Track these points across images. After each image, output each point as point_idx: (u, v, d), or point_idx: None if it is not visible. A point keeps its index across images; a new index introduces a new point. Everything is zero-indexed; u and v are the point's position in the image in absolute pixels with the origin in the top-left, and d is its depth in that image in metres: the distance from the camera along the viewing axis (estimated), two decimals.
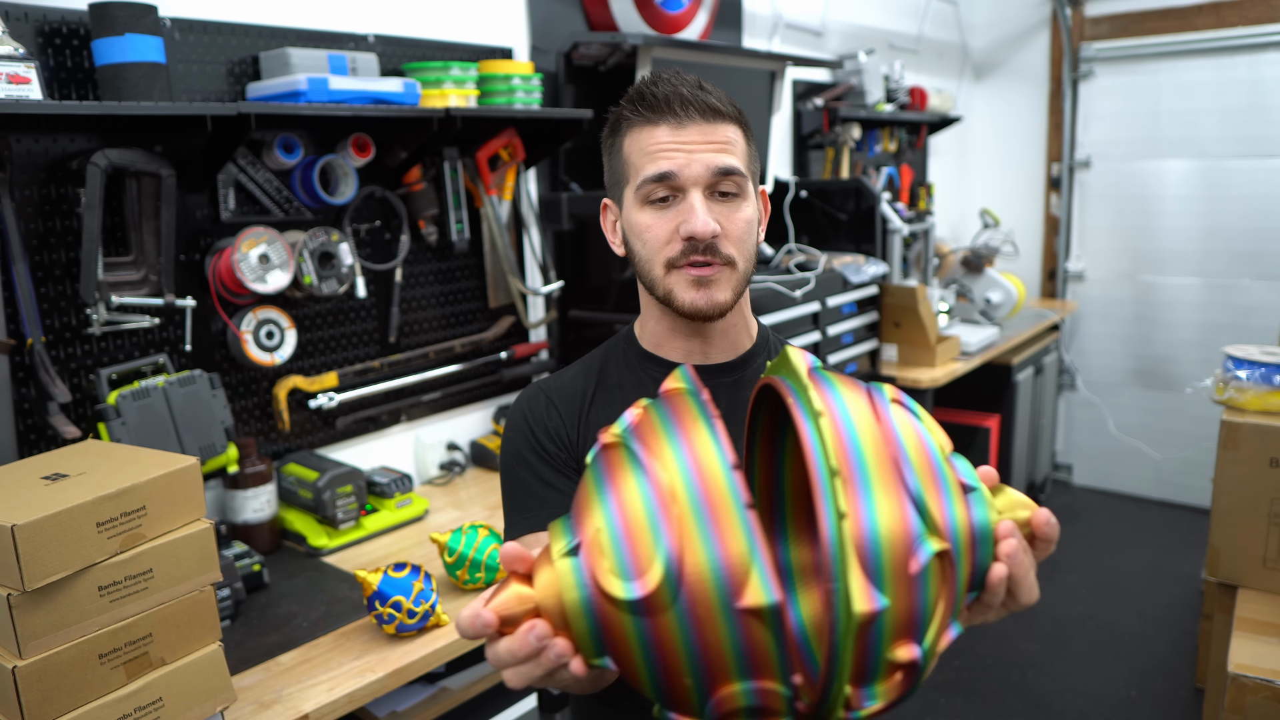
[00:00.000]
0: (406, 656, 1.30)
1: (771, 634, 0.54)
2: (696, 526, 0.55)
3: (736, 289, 0.95)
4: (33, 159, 1.44)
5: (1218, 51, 3.72)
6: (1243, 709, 1.70)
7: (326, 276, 1.75)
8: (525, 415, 1.03)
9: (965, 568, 0.59)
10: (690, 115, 0.91)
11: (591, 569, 0.57)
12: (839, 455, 0.56)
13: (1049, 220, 4.27)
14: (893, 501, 0.56)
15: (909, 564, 0.55)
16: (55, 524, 0.92)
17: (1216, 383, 2.14)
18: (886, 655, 0.55)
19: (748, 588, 0.53)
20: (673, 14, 2.45)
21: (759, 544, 0.54)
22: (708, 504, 0.55)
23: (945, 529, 0.57)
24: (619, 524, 0.57)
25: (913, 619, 0.56)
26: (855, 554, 0.54)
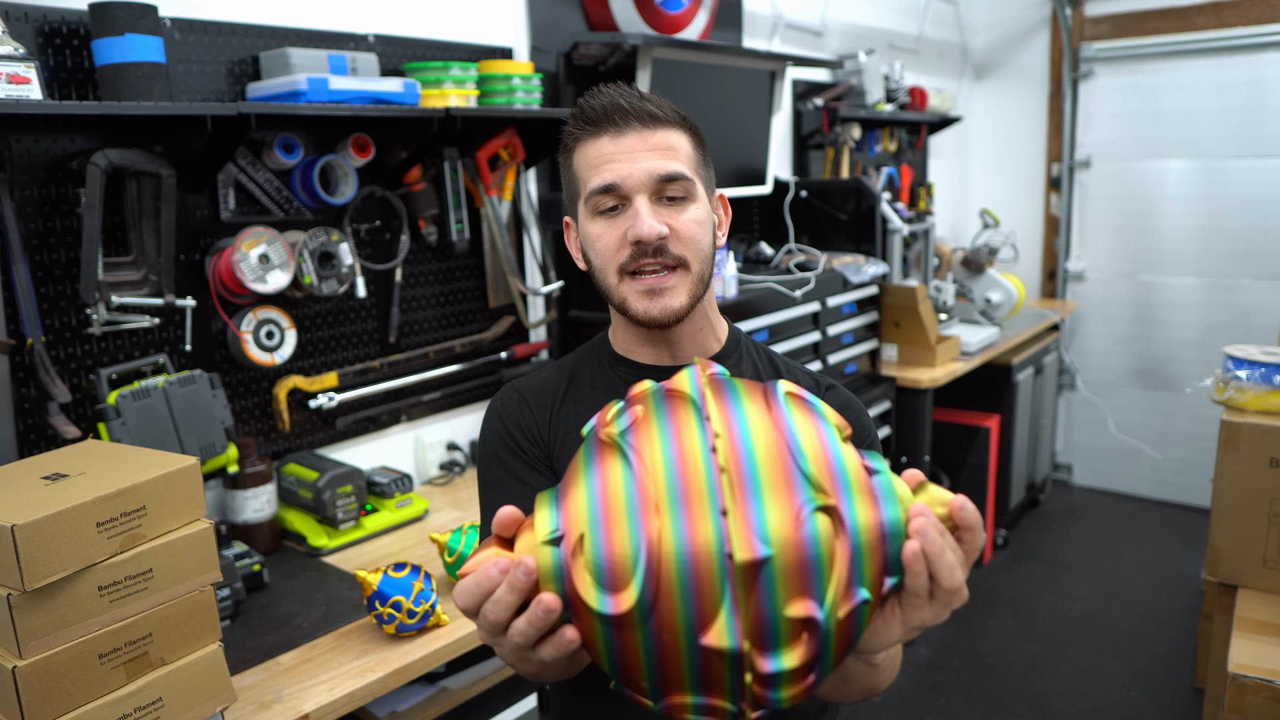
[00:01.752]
0: (406, 656, 1.30)
1: (728, 668, 0.56)
2: (673, 537, 0.57)
3: (692, 292, 0.95)
4: (33, 159, 1.44)
5: (1218, 51, 3.72)
6: (1243, 709, 1.70)
7: (326, 276, 1.75)
8: (500, 413, 1.03)
9: (869, 540, 0.59)
10: (629, 123, 0.92)
11: (569, 569, 0.59)
12: (730, 459, 0.59)
13: (1049, 220, 4.27)
14: (782, 497, 0.58)
15: (795, 521, 0.57)
16: (55, 524, 0.92)
17: (1216, 383, 2.14)
18: (783, 612, 0.56)
19: (713, 628, 0.55)
20: (673, 14, 2.45)
21: (730, 578, 0.55)
22: (685, 502, 0.57)
23: (842, 508, 0.59)
24: (601, 527, 0.59)
25: (804, 572, 0.56)
26: (742, 527, 0.56)
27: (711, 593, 0.55)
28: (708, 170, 0.99)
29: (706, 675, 0.57)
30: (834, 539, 0.58)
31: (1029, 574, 3.42)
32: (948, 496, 0.65)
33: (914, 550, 0.61)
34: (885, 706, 2.64)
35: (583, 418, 0.98)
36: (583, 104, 0.95)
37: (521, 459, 1.00)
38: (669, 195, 0.93)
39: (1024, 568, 3.47)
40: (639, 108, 0.93)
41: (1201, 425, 3.85)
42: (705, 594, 0.55)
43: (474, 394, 2.16)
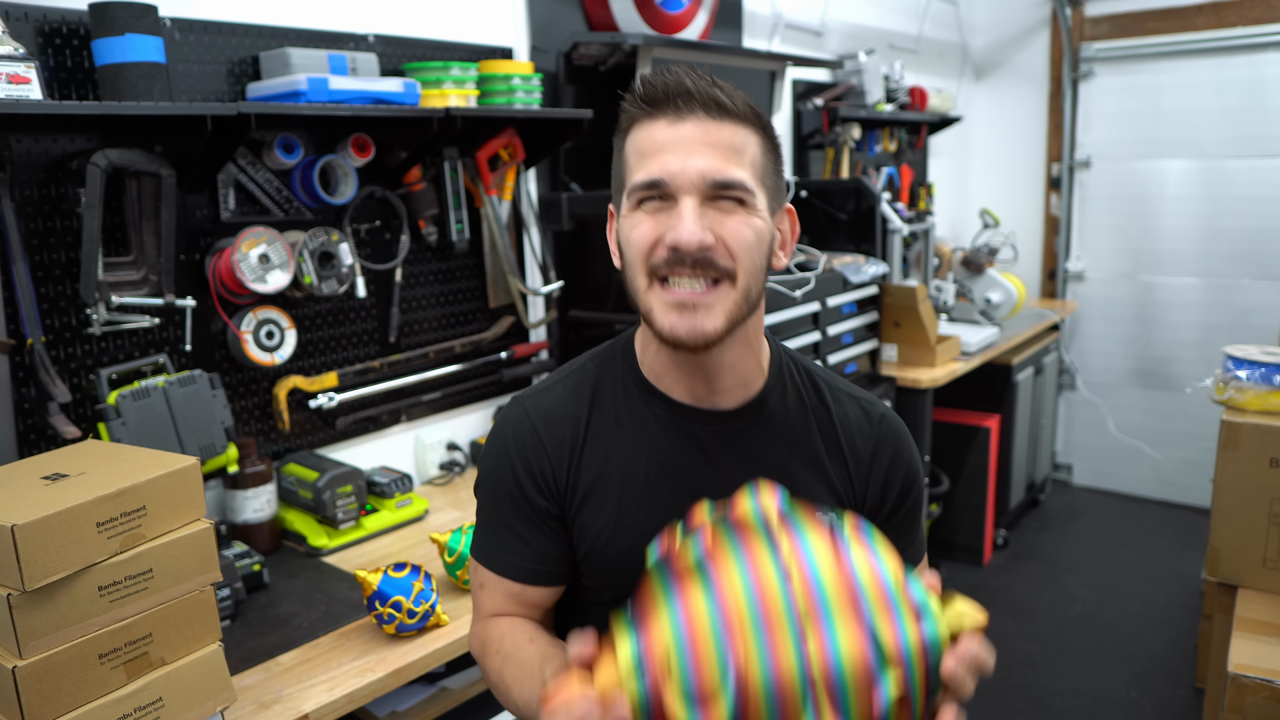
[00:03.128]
0: (406, 656, 1.30)
1: None
2: (759, 658, 0.62)
3: (732, 314, 0.81)
4: (33, 159, 1.44)
5: (1218, 51, 3.72)
6: (1243, 709, 1.70)
7: (326, 276, 1.75)
8: (509, 449, 0.92)
9: (919, 679, 0.65)
10: (691, 110, 0.79)
11: (657, 686, 0.63)
12: (804, 596, 0.65)
13: (1049, 220, 4.27)
14: (849, 621, 0.64)
15: (862, 644, 0.63)
16: (55, 524, 0.92)
17: (1216, 383, 2.14)
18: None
19: None
20: (673, 14, 2.45)
21: (812, 695, 0.62)
22: (767, 626, 0.62)
23: (898, 652, 0.64)
24: (689, 650, 0.63)
25: (871, 689, 0.63)
26: (825, 687, 0.62)
27: (794, 707, 0.61)
28: (777, 180, 0.86)
29: None
30: (900, 714, 0.65)
31: (1029, 574, 3.42)
32: (975, 616, 0.71)
33: (951, 669, 0.67)
34: None
35: (610, 463, 0.89)
36: (644, 79, 0.82)
37: (523, 512, 0.91)
38: (725, 199, 0.80)
39: (1024, 568, 3.47)
40: (706, 93, 0.80)
41: (1201, 425, 3.85)
42: (789, 708, 0.61)
43: (474, 394, 2.16)
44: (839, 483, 0.92)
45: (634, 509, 0.89)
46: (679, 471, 0.89)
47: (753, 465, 0.89)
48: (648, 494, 0.89)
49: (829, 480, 0.92)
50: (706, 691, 0.62)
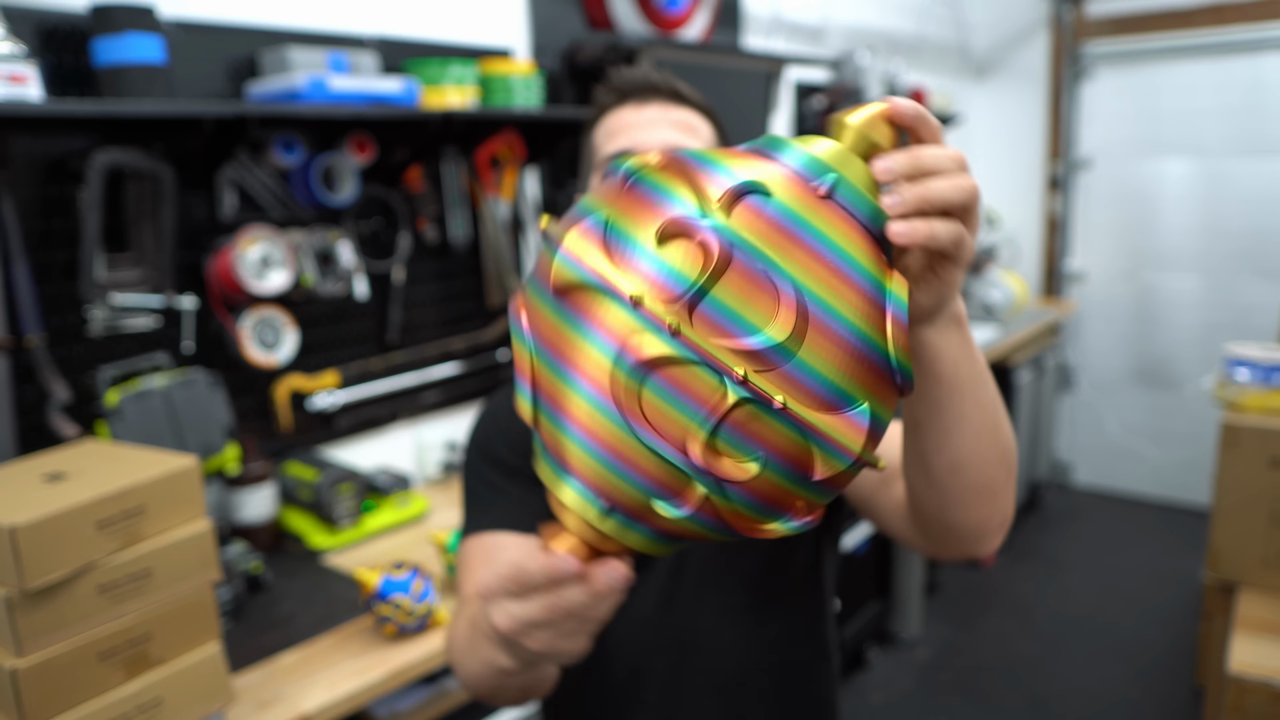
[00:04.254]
0: (406, 656, 1.30)
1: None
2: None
3: None
4: (33, 159, 1.44)
5: (1218, 51, 3.72)
6: (1243, 709, 1.70)
7: (326, 276, 1.74)
8: (483, 426, 0.98)
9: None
10: (654, 96, 0.91)
11: (615, 501, 0.51)
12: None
13: (1049, 220, 4.27)
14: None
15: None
16: (55, 524, 0.92)
17: (1216, 382, 2.14)
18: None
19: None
20: (673, 14, 2.45)
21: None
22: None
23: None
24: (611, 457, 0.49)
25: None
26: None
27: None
28: None
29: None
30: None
31: (1029, 574, 3.42)
32: (875, 107, 0.53)
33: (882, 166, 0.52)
34: (885, 707, 2.64)
35: None
36: (612, 75, 0.94)
37: (499, 470, 0.94)
38: None
39: (1024, 568, 3.47)
40: (667, 84, 0.91)
41: (1201, 425, 3.85)
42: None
43: (474, 394, 2.16)
44: None
45: None
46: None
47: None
48: None
49: None
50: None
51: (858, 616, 2.75)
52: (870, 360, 0.48)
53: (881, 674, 2.80)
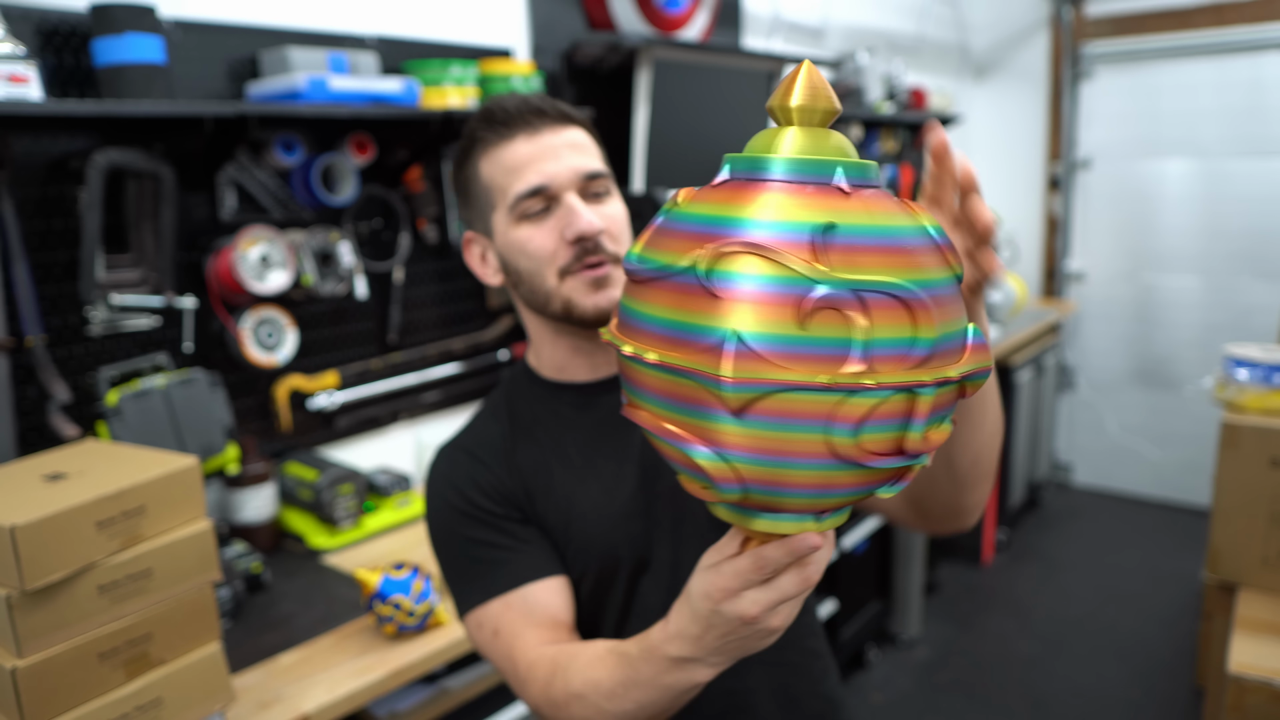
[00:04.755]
0: (406, 656, 1.30)
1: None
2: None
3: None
4: (33, 159, 1.44)
5: (1218, 51, 3.72)
6: (1243, 709, 1.70)
7: (326, 276, 1.75)
8: (447, 483, 0.93)
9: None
10: (544, 122, 0.89)
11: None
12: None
13: (1049, 220, 4.27)
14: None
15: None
16: (55, 524, 0.92)
17: (1216, 383, 2.14)
18: None
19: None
20: (673, 14, 2.45)
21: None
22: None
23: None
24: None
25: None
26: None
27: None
28: (610, 169, 0.97)
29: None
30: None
31: (1029, 574, 3.42)
32: (802, 75, 0.57)
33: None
34: (885, 707, 2.64)
35: (543, 457, 0.92)
36: (489, 107, 0.91)
37: (487, 525, 0.90)
38: (593, 192, 0.90)
39: (1024, 568, 3.47)
40: (553, 107, 0.90)
41: (1201, 425, 3.85)
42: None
43: (474, 394, 2.16)
44: None
45: (579, 485, 0.92)
46: (606, 439, 0.93)
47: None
48: (587, 468, 0.92)
49: None
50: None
51: (858, 616, 2.75)
52: (956, 292, 0.56)
53: (881, 674, 2.80)
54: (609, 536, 0.90)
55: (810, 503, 0.56)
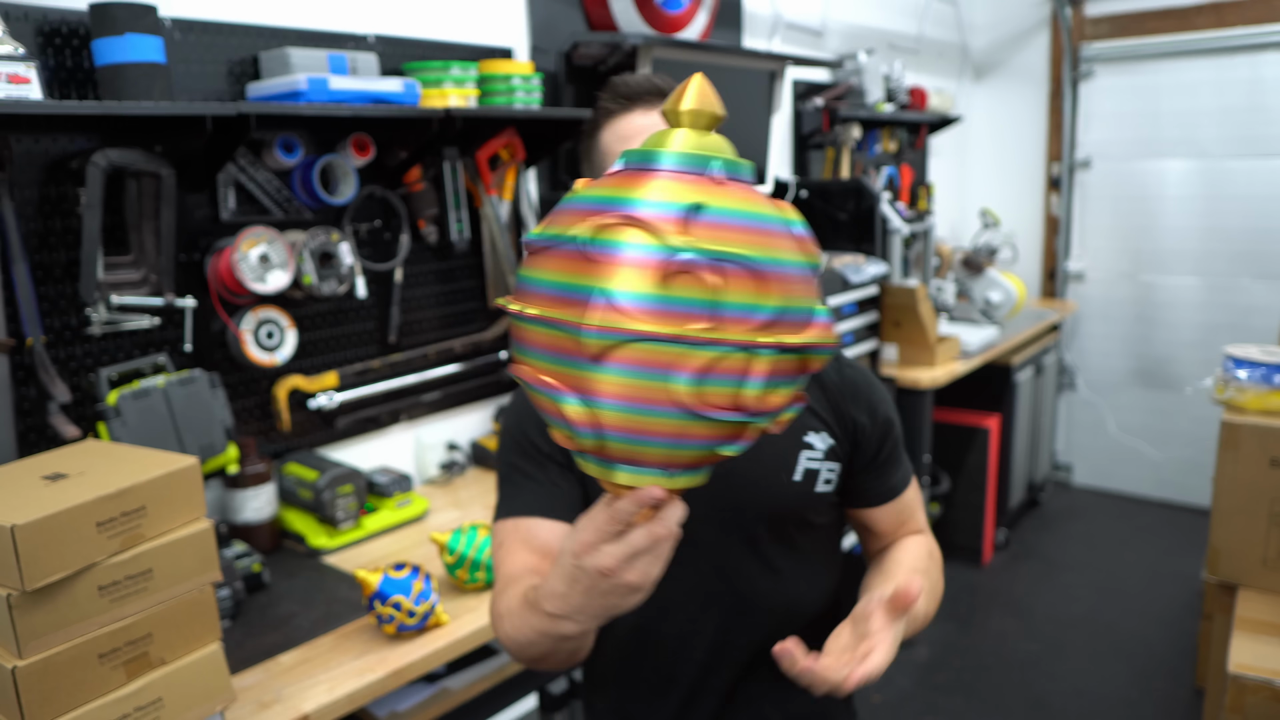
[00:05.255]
0: (406, 656, 1.30)
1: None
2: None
3: None
4: (33, 159, 1.44)
5: (1218, 51, 3.72)
6: (1243, 709, 1.70)
7: (326, 276, 1.75)
8: (519, 407, 1.03)
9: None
10: (662, 100, 0.93)
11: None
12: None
13: (1049, 220, 4.27)
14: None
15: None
16: (55, 524, 0.92)
17: (1216, 383, 2.14)
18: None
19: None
20: (673, 14, 2.45)
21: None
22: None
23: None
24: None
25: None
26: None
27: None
28: None
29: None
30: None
31: (1029, 574, 3.42)
32: (695, 84, 0.67)
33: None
34: (885, 706, 2.64)
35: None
36: (616, 81, 0.95)
37: (531, 458, 1.00)
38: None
39: (1024, 568, 3.47)
40: (672, 88, 0.93)
41: (1201, 425, 3.85)
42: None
43: (474, 394, 2.16)
44: (824, 407, 1.03)
45: None
46: None
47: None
48: None
49: (812, 404, 1.02)
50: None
51: None
52: (809, 276, 0.65)
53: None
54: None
55: (662, 454, 0.63)
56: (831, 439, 1.02)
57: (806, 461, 1.01)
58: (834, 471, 1.03)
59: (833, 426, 1.03)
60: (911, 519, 1.11)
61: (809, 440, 1.01)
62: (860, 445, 1.05)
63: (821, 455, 1.02)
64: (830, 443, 1.02)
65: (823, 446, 1.02)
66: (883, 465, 1.07)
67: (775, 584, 1.03)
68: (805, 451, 1.01)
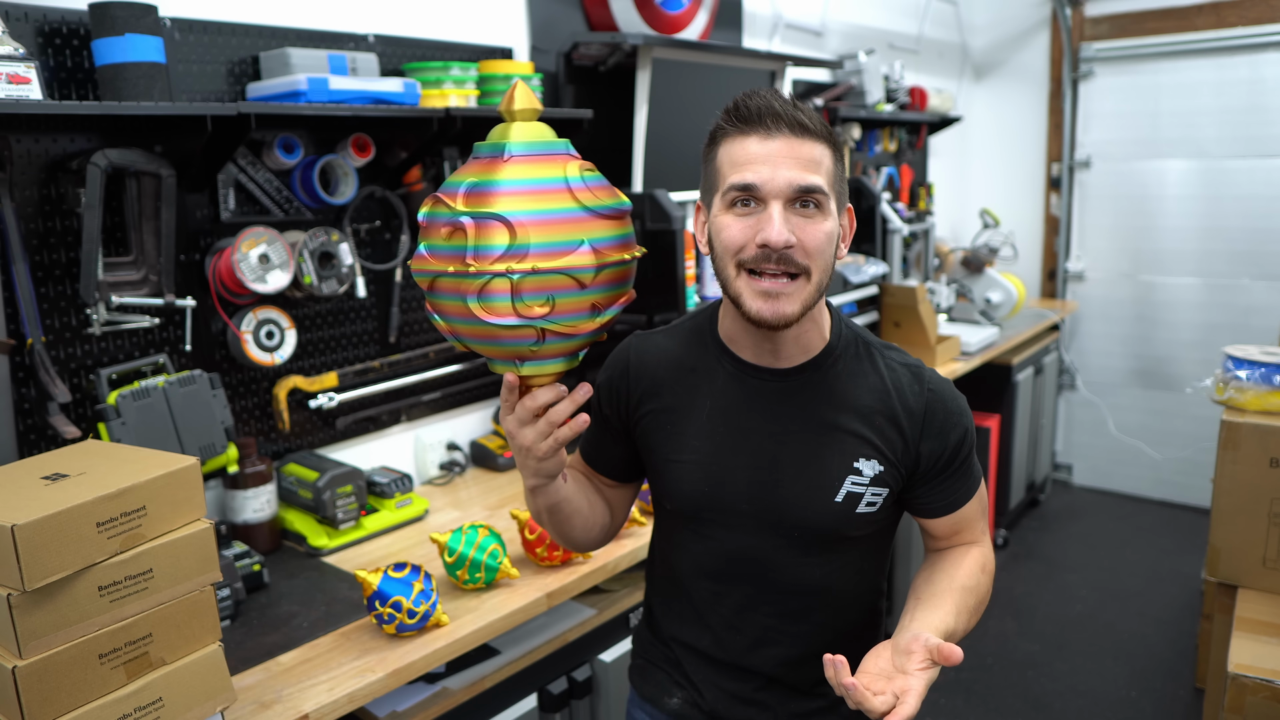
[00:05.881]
0: (406, 656, 1.30)
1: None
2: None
3: (807, 301, 0.98)
4: (33, 159, 1.44)
5: (1218, 51, 3.72)
6: (1243, 709, 1.70)
7: (326, 276, 1.75)
8: (608, 370, 1.16)
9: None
10: (780, 129, 0.95)
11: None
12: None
13: (1049, 220, 4.27)
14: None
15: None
16: (55, 524, 0.92)
17: (1216, 383, 2.14)
18: None
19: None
20: (673, 14, 2.45)
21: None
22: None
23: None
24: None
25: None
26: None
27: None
28: (842, 185, 1.01)
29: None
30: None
31: (1029, 574, 3.42)
32: (518, 88, 0.94)
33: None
34: None
35: (679, 398, 1.09)
36: (738, 102, 0.98)
37: (597, 419, 1.16)
38: (804, 204, 0.96)
39: (1024, 568, 3.47)
40: (791, 115, 0.96)
41: (1201, 425, 3.85)
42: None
43: (474, 394, 2.16)
44: (885, 437, 1.05)
45: (695, 438, 1.08)
46: (736, 415, 1.07)
47: (800, 416, 1.05)
48: (708, 428, 1.08)
49: (873, 432, 1.05)
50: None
51: None
52: (580, 216, 0.88)
53: None
54: (699, 488, 1.07)
55: (494, 350, 0.91)
56: (882, 466, 1.04)
57: (851, 485, 1.04)
58: (880, 495, 1.05)
59: (887, 455, 1.05)
60: (969, 529, 1.13)
61: (858, 466, 1.04)
62: (920, 468, 1.07)
63: (868, 481, 1.04)
64: (879, 470, 1.04)
65: (870, 473, 1.04)
66: (945, 482, 1.08)
67: (797, 575, 1.09)
68: (852, 476, 1.04)
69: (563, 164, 0.88)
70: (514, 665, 1.52)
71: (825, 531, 1.06)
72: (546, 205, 0.85)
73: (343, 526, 1.70)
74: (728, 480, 1.07)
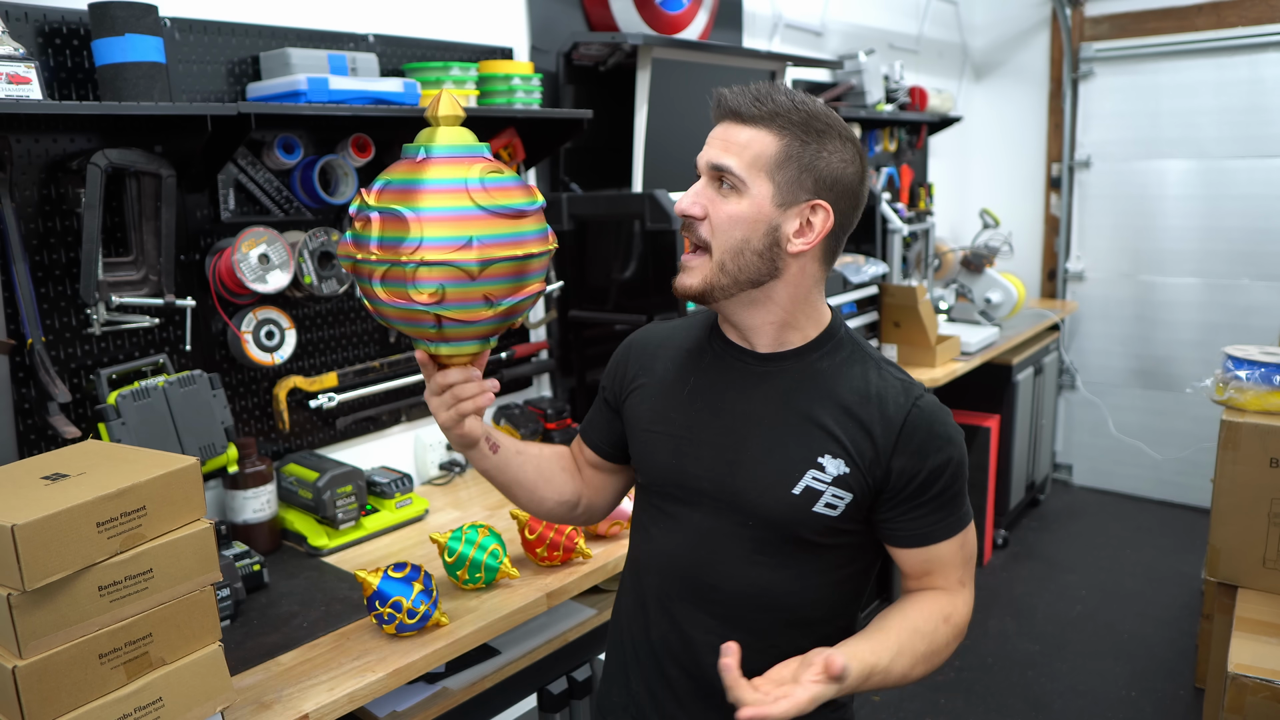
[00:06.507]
0: (406, 656, 1.30)
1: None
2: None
3: (709, 279, 1.01)
4: (33, 159, 1.44)
5: (1218, 51, 3.72)
6: (1243, 709, 1.70)
7: (326, 276, 1.75)
8: (613, 357, 1.22)
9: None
10: (723, 115, 1.01)
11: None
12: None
13: (1049, 220, 4.27)
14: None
15: None
16: (55, 524, 0.92)
17: (1216, 383, 2.14)
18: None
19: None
20: (673, 14, 2.45)
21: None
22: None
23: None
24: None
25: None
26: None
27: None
28: (797, 176, 0.98)
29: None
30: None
31: (1029, 574, 3.42)
32: (440, 97, 1.01)
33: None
34: (885, 706, 2.64)
35: (668, 373, 1.13)
36: (714, 93, 1.05)
37: (598, 399, 1.23)
38: (721, 183, 1.00)
39: (1024, 568, 3.47)
40: (731, 103, 1.00)
41: (1201, 425, 3.85)
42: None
43: None
44: (856, 440, 1.02)
45: (673, 411, 1.11)
46: (713, 393, 1.09)
47: (775, 400, 1.05)
48: (686, 402, 1.10)
49: (844, 433, 1.02)
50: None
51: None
52: (477, 215, 0.95)
53: None
54: (667, 462, 1.10)
55: (411, 330, 1.00)
56: (848, 468, 1.00)
57: (811, 479, 1.01)
58: (840, 500, 1.01)
59: (855, 459, 1.01)
60: (943, 573, 1.06)
61: (822, 461, 1.01)
62: (889, 485, 1.02)
63: (829, 479, 1.01)
64: (844, 470, 1.00)
65: (834, 471, 1.00)
66: (916, 509, 1.03)
67: (747, 575, 1.06)
68: (813, 470, 1.01)
69: (469, 166, 0.96)
70: (514, 665, 1.52)
71: (779, 524, 1.02)
72: (443, 203, 0.94)
73: (343, 526, 1.70)
74: (694, 455, 1.07)
